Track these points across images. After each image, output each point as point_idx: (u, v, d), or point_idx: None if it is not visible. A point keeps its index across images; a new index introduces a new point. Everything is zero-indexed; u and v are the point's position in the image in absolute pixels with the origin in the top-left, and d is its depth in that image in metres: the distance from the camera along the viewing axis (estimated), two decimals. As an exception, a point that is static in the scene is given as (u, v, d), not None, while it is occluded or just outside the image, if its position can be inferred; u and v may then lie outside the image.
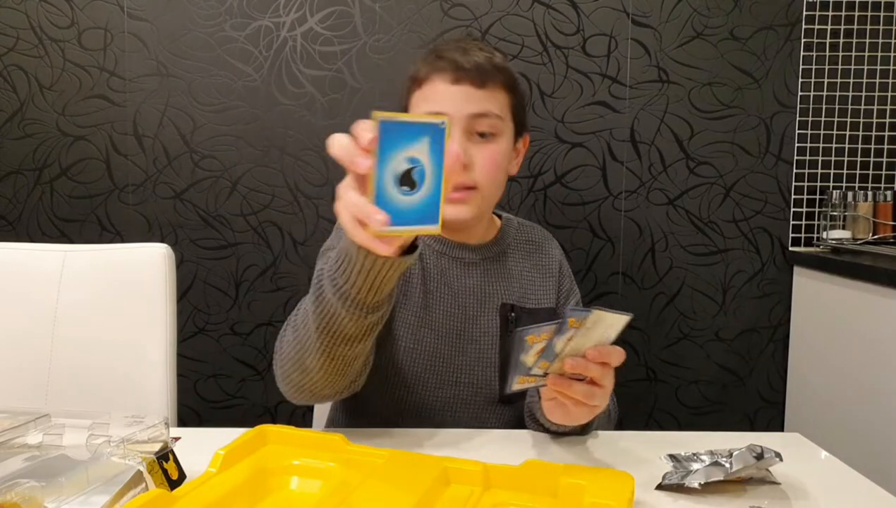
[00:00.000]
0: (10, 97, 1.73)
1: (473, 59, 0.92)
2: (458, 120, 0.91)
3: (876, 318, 1.46)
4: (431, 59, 0.94)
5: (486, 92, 0.92)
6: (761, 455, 0.67)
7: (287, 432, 0.71)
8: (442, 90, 0.92)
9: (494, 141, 0.94)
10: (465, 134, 0.92)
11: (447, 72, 0.92)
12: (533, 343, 0.67)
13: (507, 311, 0.99)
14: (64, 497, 0.57)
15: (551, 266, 1.06)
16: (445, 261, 0.99)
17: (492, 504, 0.62)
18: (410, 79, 0.97)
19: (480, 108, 0.92)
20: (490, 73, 0.92)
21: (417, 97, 0.95)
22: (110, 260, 1.13)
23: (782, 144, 1.79)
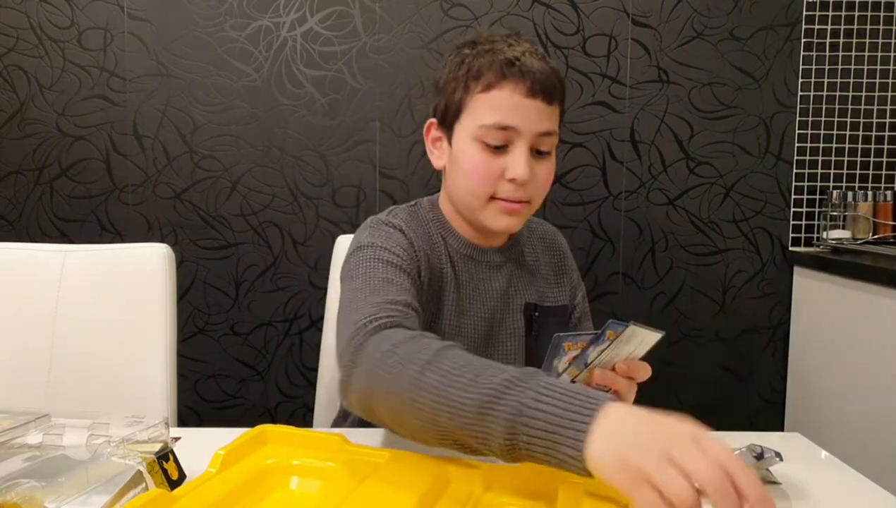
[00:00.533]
0: (10, 97, 1.73)
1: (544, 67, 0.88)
2: (527, 137, 0.88)
3: (876, 318, 1.45)
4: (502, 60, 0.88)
5: (552, 109, 0.90)
6: (761, 455, 0.67)
7: (287, 432, 0.71)
8: (517, 102, 0.87)
9: (549, 158, 0.92)
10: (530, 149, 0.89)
11: (522, 83, 0.87)
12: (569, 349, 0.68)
13: (531, 311, 0.99)
14: (64, 497, 0.57)
15: (562, 263, 1.07)
16: (473, 266, 0.98)
17: (492, 504, 0.62)
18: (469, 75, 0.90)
19: (548, 127, 0.89)
20: (556, 88, 0.89)
21: (483, 101, 0.89)
22: (110, 260, 1.13)
23: (782, 144, 1.79)
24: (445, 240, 0.97)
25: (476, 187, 0.91)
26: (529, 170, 0.88)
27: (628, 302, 1.81)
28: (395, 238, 0.90)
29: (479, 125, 0.89)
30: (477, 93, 0.89)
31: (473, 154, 0.90)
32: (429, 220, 0.98)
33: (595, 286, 1.81)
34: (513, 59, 0.88)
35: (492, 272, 0.98)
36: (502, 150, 0.89)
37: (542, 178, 0.91)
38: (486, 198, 0.91)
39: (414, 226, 0.95)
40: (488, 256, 0.99)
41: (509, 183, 0.89)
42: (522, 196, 0.90)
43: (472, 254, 0.98)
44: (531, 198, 0.91)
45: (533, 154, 0.90)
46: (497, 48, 0.90)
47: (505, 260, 1.00)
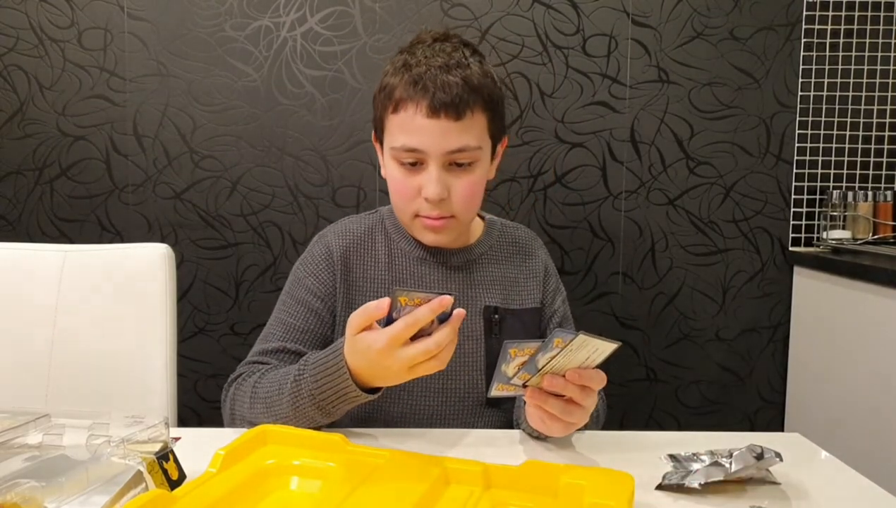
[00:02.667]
0: (10, 97, 1.73)
1: (450, 80, 0.86)
2: (436, 156, 0.87)
3: (876, 318, 1.45)
4: (406, 80, 0.87)
5: (464, 122, 0.87)
6: (761, 455, 0.67)
7: (287, 432, 0.71)
8: (419, 124, 0.87)
9: (472, 170, 0.91)
10: (443, 166, 0.89)
11: (423, 102, 0.86)
12: (515, 355, 0.69)
13: (490, 313, 0.98)
14: (64, 497, 0.57)
15: (536, 267, 1.05)
16: (427, 267, 0.99)
17: (492, 504, 0.62)
18: (384, 92, 0.91)
19: (458, 144, 0.88)
20: (467, 101, 0.86)
21: (394, 122, 0.90)
22: (110, 260, 1.13)
23: (782, 144, 1.79)
24: (394, 243, 1.00)
25: (399, 204, 0.94)
26: (442, 187, 0.88)
27: (628, 302, 1.81)
28: (317, 259, 0.99)
29: (391, 146, 0.90)
30: (390, 113, 0.90)
31: (394, 173, 0.92)
32: (380, 227, 1.01)
33: (595, 286, 1.81)
34: (417, 76, 0.87)
35: (447, 273, 0.99)
36: (417, 168, 0.90)
37: (462, 193, 0.90)
38: (411, 215, 0.93)
39: (349, 235, 0.99)
40: (443, 258, 0.99)
41: (426, 201, 0.90)
42: (441, 213, 0.90)
43: (424, 255, 0.99)
44: (454, 213, 0.91)
45: (451, 169, 0.90)
46: (411, 62, 0.89)
47: (463, 262, 1.00)
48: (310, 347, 0.95)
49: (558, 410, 0.73)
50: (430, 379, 0.95)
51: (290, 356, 0.93)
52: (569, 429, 0.76)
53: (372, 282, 0.98)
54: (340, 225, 1.03)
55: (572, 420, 0.73)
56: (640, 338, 1.82)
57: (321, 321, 0.96)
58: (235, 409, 0.88)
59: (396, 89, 0.89)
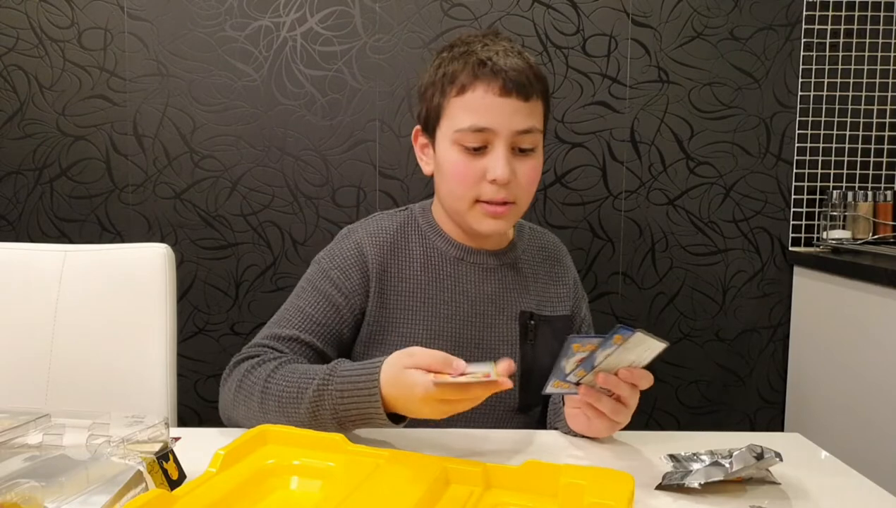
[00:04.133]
0: (10, 97, 1.73)
1: (517, 66, 0.87)
2: (505, 136, 0.87)
3: (876, 318, 1.45)
4: (474, 63, 0.88)
5: (531, 105, 0.89)
6: (761, 455, 0.67)
7: (287, 432, 0.71)
8: (490, 102, 0.87)
9: (533, 155, 0.91)
10: (509, 149, 0.89)
11: (495, 82, 0.86)
12: (577, 351, 0.70)
13: (526, 319, 0.97)
14: (64, 497, 0.57)
15: (566, 275, 1.05)
16: (464, 268, 0.97)
17: (492, 504, 0.62)
18: (446, 79, 0.90)
19: (526, 124, 0.88)
20: (533, 85, 0.88)
21: (458, 105, 0.89)
22: (110, 260, 1.13)
23: (782, 144, 1.79)
24: (430, 243, 0.98)
25: (458, 191, 0.91)
26: (510, 169, 0.88)
27: (628, 303, 1.81)
28: (346, 254, 0.96)
29: (456, 129, 0.89)
30: (452, 96, 0.90)
31: (454, 158, 0.90)
32: (413, 226, 0.99)
33: (595, 286, 1.81)
34: (485, 59, 0.88)
35: (483, 274, 0.97)
36: (482, 152, 0.89)
37: (526, 177, 0.91)
38: (470, 201, 0.91)
39: (382, 233, 0.97)
40: (480, 259, 0.98)
41: (490, 184, 0.89)
42: (506, 197, 0.89)
43: (462, 255, 0.97)
44: (516, 199, 0.91)
45: (514, 152, 0.90)
46: (471, 49, 0.89)
47: (498, 264, 0.99)
48: (324, 342, 0.92)
49: (609, 409, 0.75)
50: None
51: (304, 347, 0.90)
52: (614, 429, 0.79)
53: (408, 282, 0.95)
54: (373, 223, 0.99)
55: (619, 419, 0.76)
56: (640, 338, 1.82)
57: (341, 318, 0.93)
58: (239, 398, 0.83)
59: (461, 73, 0.89)
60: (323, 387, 0.76)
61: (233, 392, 0.85)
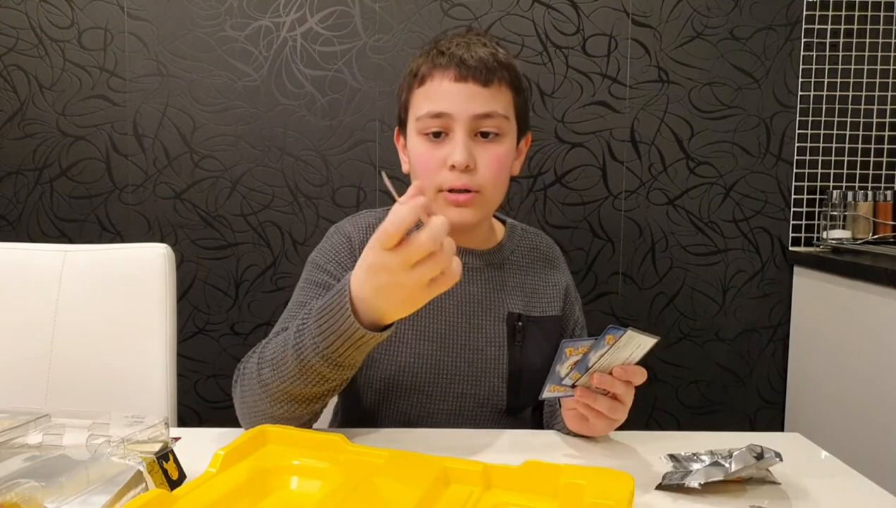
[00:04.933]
0: (10, 97, 1.73)
1: (478, 54, 0.88)
2: (463, 120, 0.88)
3: (876, 318, 1.45)
4: (433, 54, 0.90)
5: (491, 90, 0.89)
6: (761, 455, 0.67)
7: (287, 432, 0.71)
8: (446, 88, 0.88)
9: (499, 141, 0.90)
10: (469, 134, 0.88)
11: (450, 68, 0.88)
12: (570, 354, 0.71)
13: (514, 321, 0.96)
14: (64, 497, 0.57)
15: (557, 278, 1.04)
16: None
17: (492, 504, 0.62)
18: (411, 74, 0.93)
19: (486, 108, 0.88)
20: (495, 71, 0.89)
21: (419, 95, 0.91)
22: (110, 260, 1.13)
23: (782, 144, 1.79)
24: None
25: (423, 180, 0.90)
26: (468, 153, 0.87)
27: (628, 302, 1.81)
28: (338, 249, 0.95)
29: (416, 117, 0.90)
30: (415, 89, 0.92)
31: (418, 148, 0.91)
32: None
33: (595, 286, 1.81)
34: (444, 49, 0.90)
35: (469, 275, 0.97)
36: (442, 140, 0.89)
37: (489, 163, 0.89)
38: (434, 190, 0.91)
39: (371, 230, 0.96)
40: (466, 259, 0.97)
41: (451, 171, 0.88)
42: (467, 183, 0.89)
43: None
44: (479, 188, 0.90)
45: (476, 138, 0.90)
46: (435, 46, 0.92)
47: (483, 265, 0.98)
48: None
49: (606, 408, 0.75)
50: (450, 383, 0.93)
51: None
52: (612, 426, 0.79)
53: None
54: (361, 219, 0.99)
55: (617, 416, 0.77)
56: (640, 338, 1.82)
57: None
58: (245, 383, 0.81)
59: (422, 66, 0.91)
60: (301, 327, 0.73)
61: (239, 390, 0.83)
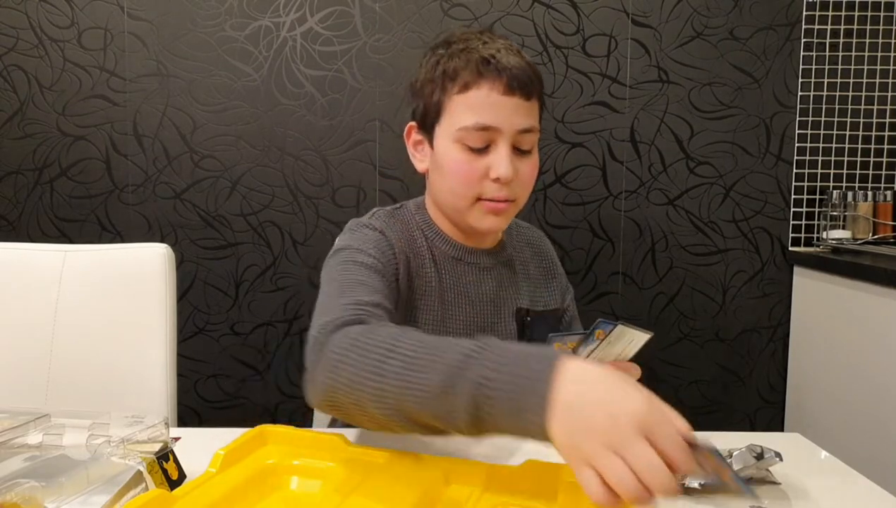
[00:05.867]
0: (10, 97, 1.73)
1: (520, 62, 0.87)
2: (508, 134, 0.87)
3: (876, 318, 1.45)
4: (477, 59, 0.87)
5: (532, 103, 0.88)
6: (761, 455, 0.67)
7: (287, 432, 0.71)
8: (494, 101, 0.86)
9: (532, 155, 0.92)
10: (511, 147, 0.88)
11: (499, 80, 0.86)
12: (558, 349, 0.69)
13: (522, 316, 0.97)
14: (64, 497, 0.57)
15: (552, 267, 1.06)
16: (462, 268, 0.97)
17: (492, 504, 0.62)
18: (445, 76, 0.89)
19: (528, 123, 0.88)
20: (534, 83, 0.88)
21: (461, 102, 0.88)
22: (110, 260, 1.13)
23: (782, 144, 1.79)
24: (430, 242, 0.96)
25: (460, 189, 0.90)
26: (514, 169, 0.88)
27: (628, 302, 1.81)
28: (373, 239, 0.89)
29: (459, 127, 0.87)
30: (454, 94, 0.88)
31: (455, 156, 0.89)
32: (413, 222, 0.97)
33: (595, 286, 1.81)
34: (488, 56, 0.87)
35: (480, 274, 0.97)
36: (484, 151, 0.88)
37: (526, 176, 0.91)
38: (472, 199, 0.90)
39: (396, 228, 0.94)
40: (476, 258, 0.97)
41: (493, 182, 0.88)
42: (508, 195, 0.89)
43: (460, 255, 0.97)
44: (516, 197, 0.91)
45: (515, 152, 0.89)
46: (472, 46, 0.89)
47: (494, 263, 0.99)
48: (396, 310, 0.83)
49: None
50: None
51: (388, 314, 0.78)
52: None
53: (423, 280, 0.93)
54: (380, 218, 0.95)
55: None
56: (640, 338, 1.82)
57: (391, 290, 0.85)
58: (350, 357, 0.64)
59: (463, 70, 0.88)
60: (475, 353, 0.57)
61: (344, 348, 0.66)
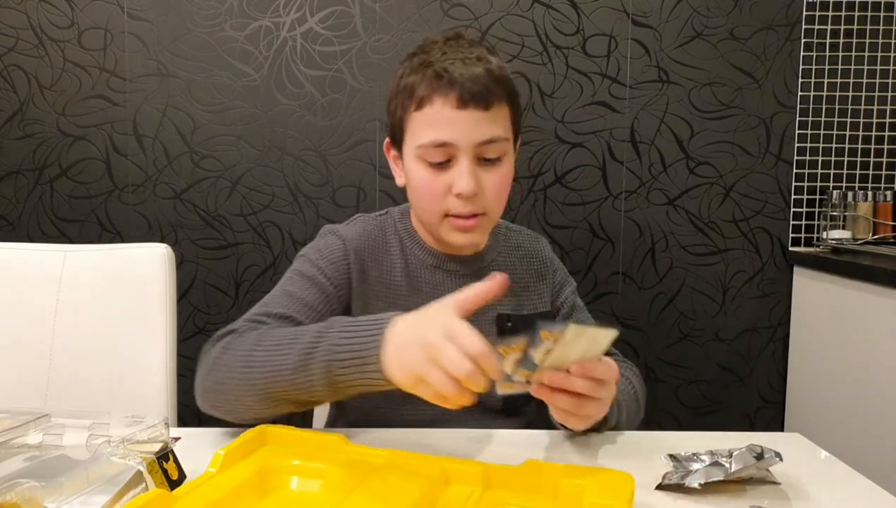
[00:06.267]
0: (10, 97, 1.73)
1: (475, 72, 0.84)
2: (467, 149, 0.85)
3: (876, 318, 1.45)
4: (430, 75, 0.86)
5: (492, 112, 0.86)
6: (761, 455, 0.67)
7: (287, 432, 0.71)
8: (447, 116, 0.85)
9: (500, 164, 0.89)
10: (473, 160, 0.87)
11: (452, 94, 0.84)
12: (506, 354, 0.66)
13: (503, 322, 0.96)
14: (64, 497, 0.57)
15: (543, 268, 1.04)
16: (440, 276, 0.96)
17: (492, 504, 0.62)
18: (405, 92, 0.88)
19: (488, 134, 0.86)
20: (493, 90, 0.85)
21: (418, 119, 0.87)
22: (110, 260, 1.13)
23: (782, 144, 1.79)
24: (408, 250, 0.97)
25: (426, 205, 0.90)
26: (475, 182, 0.86)
27: (628, 302, 1.81)
28: (332, 248, 0.93)
29: (418, 144, 0.87)
30: (413, 111, 0.88)
31: (419, 173, 0.89)
32: (392, 230, 0.98)
33: (595, 286, 1.81)
34: (440, 70, 0.85)
35: (459, 282, 0.96)
36: (446, 166, 0.87)
37: (494, 187, 0.89)
38: (439, 215, 0.90)
39: (366, 237, 0.95)
40: (455, 266, 0.97)
41: (457, 198, 0.87)
42: (474, 209, 0.88)
43: (438, 263, 0.97)
44: (485, 210, 0.89)
45: (480, 163, 0.88)
46: (429, 59, 0.87)
47: (474, 270, 0.98)
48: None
49: (567, 405, 0.71)
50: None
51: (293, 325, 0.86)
52: (587, 422, 0.76)
53: (388, 289, 0.95)
54: (354, 225, 0.98)
55: (588, 412, 0.73)
56: (640, 338, 1.82)
57: (330, 304, 0.90)
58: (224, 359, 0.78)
59: (419, 86, 0.87)
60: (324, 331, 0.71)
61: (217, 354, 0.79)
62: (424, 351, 0.62)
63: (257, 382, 0.74)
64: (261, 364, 0.73)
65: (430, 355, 0.61)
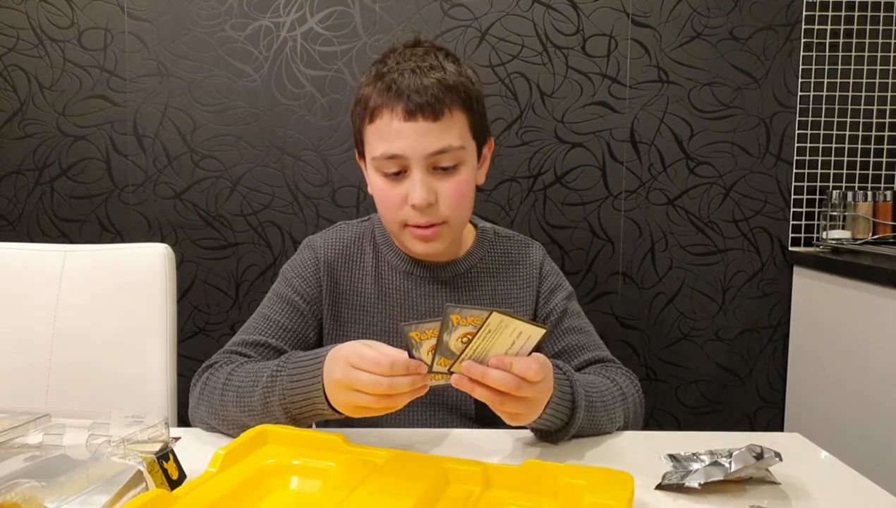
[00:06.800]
0: (10, 97, 1.73)
1: (425, 82, 0.84)
2: (418, 159, 0.85)
3: (876, 318, 1.46)
4: (381, 86, 0.86)
5: (443, 122, 0.85)
6: (761, 455, 0.67)
7: (287, 432, 0.71)
8: (396, 128, 0.84)
9: (457, 172, 0.88)
10: (427, 169, 0.86)
11: (398, 105, 0.84)
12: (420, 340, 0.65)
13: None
14: (64, 497, 0.57)
15: (529, 275, 1.01)
16: (413, 282, 0.96)
17: (492, 504, 0.62)
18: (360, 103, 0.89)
19: (439, 144, 0.85)
20: (443, 99, 0.84)
21: (371, 132, 0.88)
22: (110, 260, 1.13)
23: (782, 144, 1.79)
24: (382, 255, 0.98)
25: (386, 215, 0.91)
26: (428, 191, 0.86)
27: (628, 302, 1.81)
28: (306, 264, 0.98)
29: (372, 156, 0.88)
30: (367, 123, 0.89)
31: (377, 184, 0.90)
32: (369, 237, 0.99)
33: (595, 286, 1.81)
34: (390, 82, 0.85)
35: (434, 288, 0.96)
36: (401, 176, 0.87)
37: (451, 196, 0.88)
38: (399, 225, 0.90)
39: (341, 246, 0.98)
40: (431, 272, 0.96)
41: (413, 208, 0.87)
42: (431, 219, 0.88)
43: (411, 269, 0.96)
44: (445, 219, 0.89)
45: (435, 172, 0.87)
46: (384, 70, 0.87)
47: (451, 276, 0.97)
48: (291, 345, 0.94)
49: (486, 399, 0.67)
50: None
51: (271, 351, 0.92)
52: (516, 420, 0.71)
53: (359, 296, 0.96)
54: (331, 232, 1.01)
55: (510, 410, 0.68)
56: (640, 338, 1.82)
57: (305, 321, 0.96)
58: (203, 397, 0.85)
59: (370, 98, 0.87)
60: (276, 373, 0.77)
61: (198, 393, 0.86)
62: (343, 385, 0.69)
63: (233, 419, 0.81)
64: (232, 403, 0.80)
65: (348, 386, 0.68)
